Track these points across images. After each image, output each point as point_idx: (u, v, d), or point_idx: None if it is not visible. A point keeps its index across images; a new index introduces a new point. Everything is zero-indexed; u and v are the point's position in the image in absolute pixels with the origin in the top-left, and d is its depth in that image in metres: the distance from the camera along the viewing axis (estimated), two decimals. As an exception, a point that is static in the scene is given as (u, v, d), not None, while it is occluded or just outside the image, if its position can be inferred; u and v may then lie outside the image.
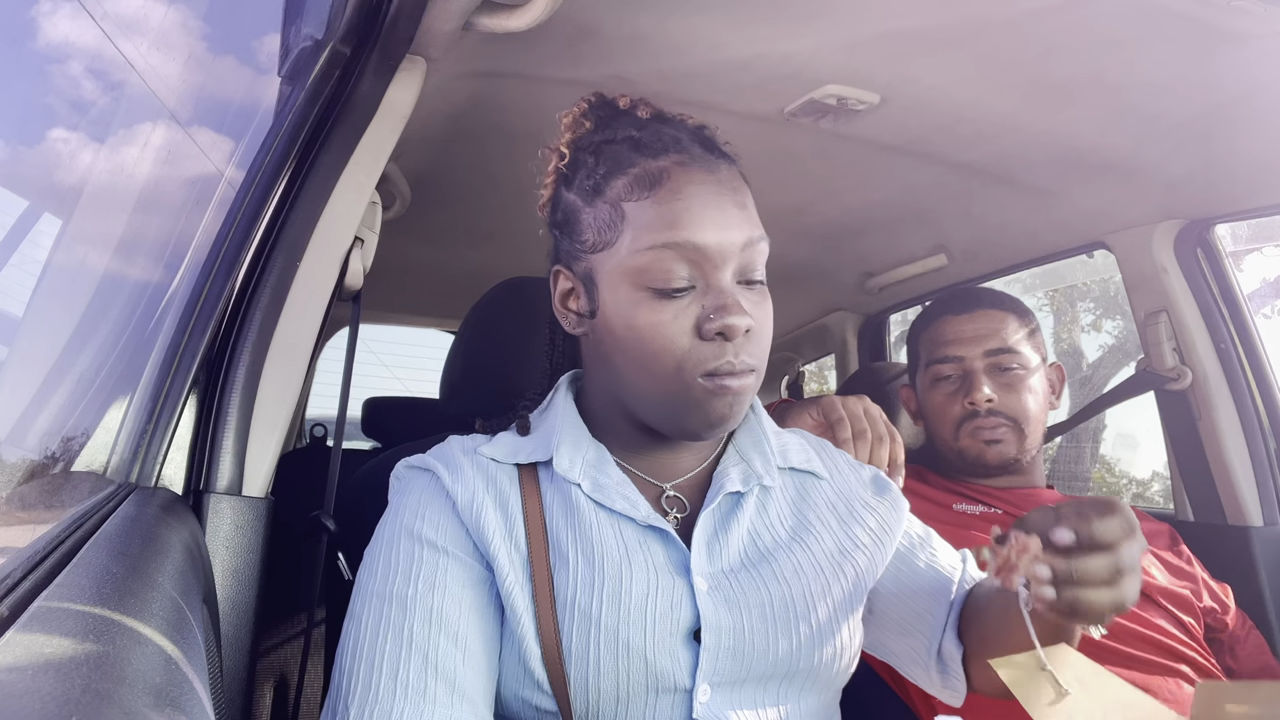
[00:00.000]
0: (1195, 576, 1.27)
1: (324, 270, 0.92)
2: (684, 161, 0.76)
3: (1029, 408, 1.31)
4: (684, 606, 0.73)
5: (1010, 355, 1.31)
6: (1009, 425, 1.30)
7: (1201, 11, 0.96)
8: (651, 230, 0.74)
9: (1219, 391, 1.49)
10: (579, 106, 0.85)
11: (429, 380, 5.94)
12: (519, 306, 1.13)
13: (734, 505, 0.82)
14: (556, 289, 0.83)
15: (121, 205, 1.33)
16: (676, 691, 0.72)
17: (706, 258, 0.74)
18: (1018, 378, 1.31)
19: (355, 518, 0.99)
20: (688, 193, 0.75)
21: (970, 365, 1.32)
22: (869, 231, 1.81)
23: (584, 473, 0.79)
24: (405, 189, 1.51)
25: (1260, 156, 1.27)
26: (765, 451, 0.86)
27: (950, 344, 1.34)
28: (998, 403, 1.30)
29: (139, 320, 1.09)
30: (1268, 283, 5.91)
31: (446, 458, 0.80)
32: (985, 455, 1.30)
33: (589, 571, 0.73)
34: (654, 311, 0.74)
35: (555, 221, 0.84)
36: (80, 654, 0.35)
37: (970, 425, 1.31)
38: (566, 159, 0.83)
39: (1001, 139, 1.33)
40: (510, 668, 0.72)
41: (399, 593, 0.71)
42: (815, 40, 1.08)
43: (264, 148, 0.88)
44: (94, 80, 1.44)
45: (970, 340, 1.33)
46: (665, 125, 0.81)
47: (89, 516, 0.61)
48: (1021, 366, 1.31)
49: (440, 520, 0.76)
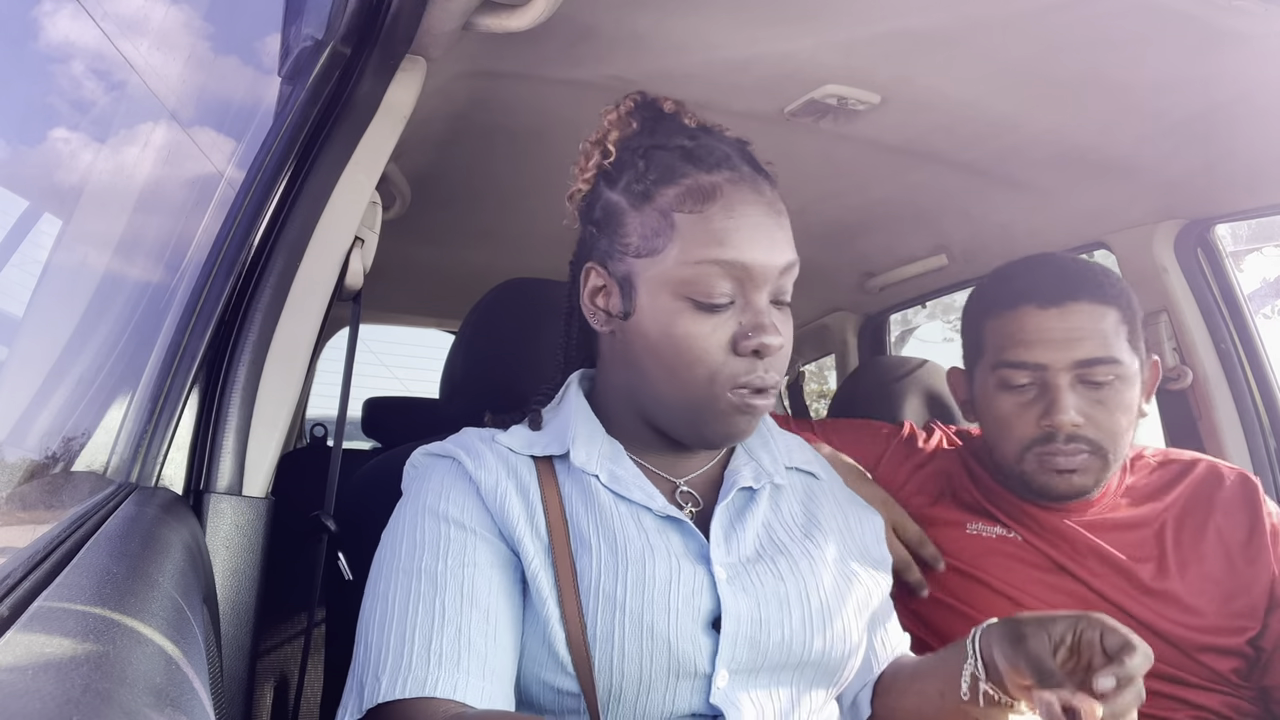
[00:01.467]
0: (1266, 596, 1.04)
1: (324, 270, 0.92)
2: (735, 180, 0.78)
3: (1120, 431, 1.03)
4: (704, 594, 0.74)
5: (1108, 366, 1.01)
6: (1091, 451, 1.02)
7: (1201, 11, 0.96)
8: (701, 245, 0.76)
9: (1219, 391, 1.49)
10: (624, 105, 0.85)
11: (429, 380, 5.95)
12: (519, 306, 1.13)
13: (747, 500, 0.84)
14: (586, 285, 0.83)
15: (122, 205, 1.33)
16: (696, 676, 0.73)
17: (750, 277, 0.76)
18: (1114, 393, 1.02)
19: (355, 518, 0.99)
20: (739, 212, 0.77)
21: (1054, 379, 1.02)
22: (869, 231, 1.81)
23: (600, 465, 0.80)
24: (405, 189, 1.51)
25: (1260, 156, 1.27)
26: (773, 450, 0.89)
27: (1032, 346, 1.03)
28: (1084, 426, 1.01)
29: (139, 320, 1.09)
30: (1268, 283, 5.90)
31: (467, 445, 0.82)
32: (1054, 486, 1.04)
33: (612, 557, 0.74)
34: (693, 323, 0.76)
35: (592, 218, 0.84)
36: (80, 654, 0.35)
37: (1043, 450, 1.03)
38: (612, 157, 0.82)
39: (1001, 139, 1.33)
40: (532, 651, 0.73)
41: (428, 568, 0.72)
42: (815, 40, 1.08)
43: (264, 148, 0.88)
44: (94, 80, 1.44)
45: (1059, 344, 1.01)
46: (714, 138, 0.82)
47: (89, 516, 0.61)
48: (1119, 378, 1.02)
49: (465, 502, 0.77)
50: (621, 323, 0.81)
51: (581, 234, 0.87)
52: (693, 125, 0.83)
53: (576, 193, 0.87)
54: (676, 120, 0.84)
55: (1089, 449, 1.02)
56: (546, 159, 1.47)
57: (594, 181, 0.85)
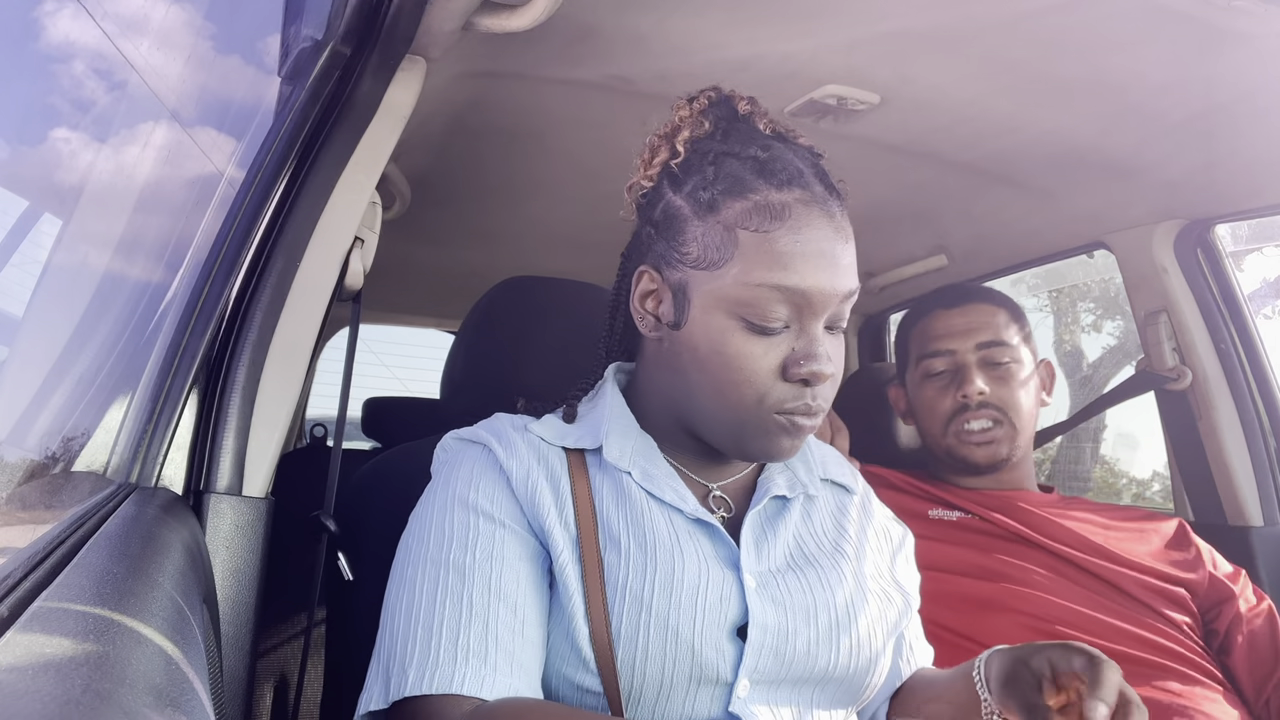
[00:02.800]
0: (1201, 572, 1.24)
1: (324, 270, 0.92)
2: (806, 200, 0.75)
3: (1021, 402, 1.29)
4: (732, 601, 0.74)
5: (1003, 348, 1.29)
6: (1001, 420, 1.28)
7: (1202, 11, 0.96)
8: (763, 268, 0.73)
9: (1219, 391, 1.49)
10: (699, 102, 0.82)
11: (429, 380, 5.94)
12: (519, 306, 1.13)
13: (779, 509, 0.83)
14: (638, 287, 0.81)
15: (122, 205, 1.33)
16: (718, 684, 0.72)
17: (809, 304, 0.74)
18: (1010, 371, 1.29)
19: (355, 518, 0.99)
20: (806, 236, 0.74)
21: (962, 359, 1.30)
22: (869, 231, 1.81)
23: (633, 462, 0.79)
24: (405, 189, 1.51)
25: (1260, 156, 1.27)
26: (809, 461, 0.88)
27: (941, 338, 1.32)
28: (990, 395, 1.27)
29: (139, 320, 1.09)
30: (1268, 283, 5.89)
31: (498, 432, 0.80)
32: (974, 456, 1.28)
33: (641, 556, 0.73)
34: (745, 343, 0.74)
35: (651, 217, 0.82)
36: (80, 654, 0.35)
37: (961, 419, 1.28)
38: (680, 157, 0.80)
39: (1001, 139, 1.33)
40: (557, 646, 0.73)
41: (456, 560, 0.72)
42: (815, 40, 1.08)
43: (264, 148, 0.88)
44: (94, 80, 1.44)
45: (962, 333, 1.31)
46: (788, 149, 0.79)
47: (89, 516, 0.61)
48: (1014, 360, 1.29)
49: (495, 493, 0.76)
50: (670, 331, 0.79)
51: (638, 231, 0.85)
52: (767, 130, 0.81)
53: (637, 186, 0.84)
54: (750, 124, 0.81)
55: (996, 416, 1.28)
56: (547, 159, 1.47)
57: (657, 179, 0.82)
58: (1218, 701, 1.10)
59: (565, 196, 1.65)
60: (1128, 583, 1.20)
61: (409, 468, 0.94)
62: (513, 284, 1.16)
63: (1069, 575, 1.20)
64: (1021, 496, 1.30)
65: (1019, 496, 1.30)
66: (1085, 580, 1.20)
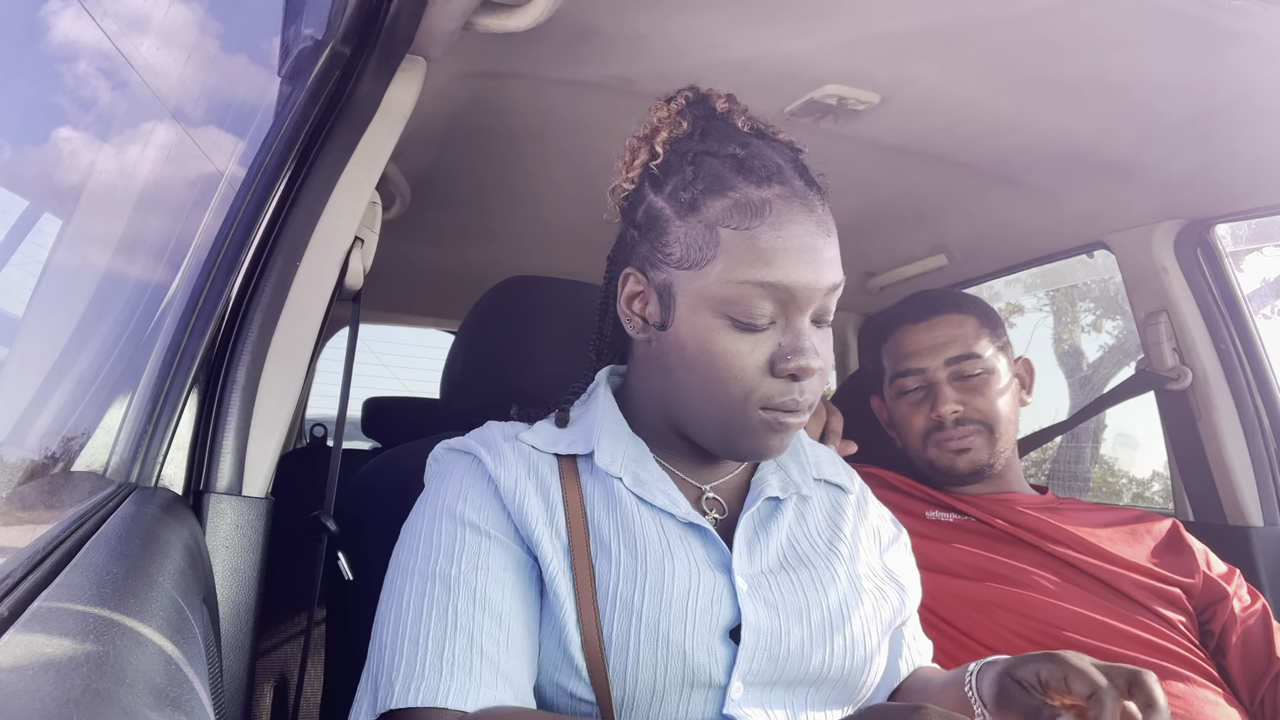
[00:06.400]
0: (1195, 573, 1.24)
1: (324, 270, 0.92)
2: (786, 195, 0.75)
3: (999, 411, 1.27)
4: (724, 604, 0.73)
5: (973, 360, 1.27)
6: (979, 431, 1.27)
7: (1202, 11, 0.96)
8: (746, 265, 0.73)
9: (1219, 391, 1.49)
10: (676, 102, 0.82)
11: (429, 380, 5.94)
12: (519, 305, 1.13)
13: (773, 511, 0.83)
14: (624, 289, 0.82)
15: (121, 205, 1.33)
16: (711, 687, 0.72)
17: (793, 299, 0.75)
18: (983, 381, 1.27)
19: (355, 518, 0.99)
20: (788, 232, 0.74)
21: (933, 376, 1.28)
22: (869, 231, 1.81)
23: (625, 467, 0.79)
24: (405, 189, 1.51)
25: (1260, 156, 1.27)
26: (802, 461, 0.88)
27: (910, 356, 1.30)
28: (966, 409, 1.26)
29: (139, 320, 1.09)
30: (1268, 283, 5.90)
31: (488, 442, 0.80)
32: (956, 464, 1.27)
33: (631, 563, 0.73)
34: (731, 341, 0.74)
35: (634, 220, 0.82)
36: (80, 654, 0.35)
37: (938, 436, 1.28)
38: (659, 159, 0.80)
39: (1001, 139, 1.33)
40: (549, 654, 0.73)
41: (442, 572, 0.72)
42: (815, 40, 1.08)
43: (264, 148, 0.88)
44: (94, 81, 1.44)
45: (929, 350, 1.29)
46: (767, 145, 0.79)
47: (89, 516, 0.61)
48: (986, 370, 1.27)
49: (483, 503, 0.76)
50: (658, 332, 0.79)
51: (622, 234, 0.85)
52: (745, 128, 0.80)
53: (619, 189, 0.84)
54: (728, 122, 0.80)
55: (976, 427, 1.27)
56: (546, 159, 1.47)
57: (638, 181, 0.82)
58: (1218, 704, 1.10)
59: (565, 196, 1.65)
60: (1124, 583, 1.20)
61: (409, 468, 0.94)
62: (512, 284, 1.16)
63: (1066, 576, 1.20)
64: (1016, 499, 1.30)
65: (1013, 499, 1.30)
66: (1082, 581, 1.20)
